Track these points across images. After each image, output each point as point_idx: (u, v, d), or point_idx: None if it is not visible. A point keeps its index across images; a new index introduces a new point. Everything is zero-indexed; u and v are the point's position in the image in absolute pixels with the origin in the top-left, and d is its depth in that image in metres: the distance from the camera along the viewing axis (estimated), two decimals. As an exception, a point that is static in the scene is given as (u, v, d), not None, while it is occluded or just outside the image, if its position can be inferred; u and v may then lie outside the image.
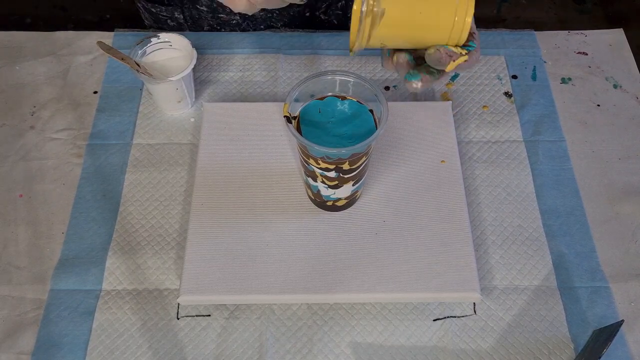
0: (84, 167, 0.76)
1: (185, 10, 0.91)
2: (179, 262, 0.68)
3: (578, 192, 0.74)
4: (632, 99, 0.83)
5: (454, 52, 0.52)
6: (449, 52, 0.52)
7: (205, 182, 0.72)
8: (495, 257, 0.69)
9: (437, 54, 0.52)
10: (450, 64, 0.52)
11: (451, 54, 0.52)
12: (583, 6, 1.10)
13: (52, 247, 0.70)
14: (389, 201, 0.71)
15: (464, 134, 0.79)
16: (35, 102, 0.82)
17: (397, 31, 0.53)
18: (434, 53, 0.52)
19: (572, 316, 0.66)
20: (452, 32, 0.51)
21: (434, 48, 0.52)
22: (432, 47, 0.52)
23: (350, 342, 0.64)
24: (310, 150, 0.60)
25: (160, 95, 0.78)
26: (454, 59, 0.52)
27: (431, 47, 0.52)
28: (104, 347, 0.63)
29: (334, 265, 0.67)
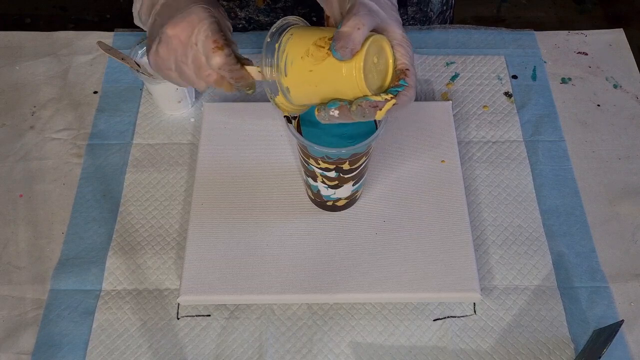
0: (83, 167, 0.76)
1: None
2: (179, 262, 0.68)
3: (578, 192, 0.74)
4: (632, 99, 0.83)
5: (377, 101, 0.50)
6: (371, 103, 0.50)
7: (205, 182, 0.72)
8: (495, 257, 0.69)
9: (359, 110, 0.50)
10: (378, 113, 0.51)
11: (375, 104, 0.50)
12: (583, 6, 1.09)
13: (52, 247, 0.70)
14: (389, 201, 0.71)
15: (464, 134, 0.79)
16: (35, 102, 0.82)
17: (309, 98, 0.54)
18: (356, 109, 0.50)
19: (572, 316, 0.66)
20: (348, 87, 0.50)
21: (355, 104, 0.50)
22: (354, 104, 0.50)
23: (350, 342, 0.64)
24: (310, 150, 0.60)
25: (160, 95, 0.78)
26: (379, 107, 0.50)
27: (353, 103, 0.51)
28: (104, 347, 0.63)
29: (334, 265, 0.67)
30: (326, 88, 0.52)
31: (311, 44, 0.51)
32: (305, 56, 0.51)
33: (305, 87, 0.53)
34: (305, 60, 0.51)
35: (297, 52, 0.52)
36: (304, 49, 0.51)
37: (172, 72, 0.59)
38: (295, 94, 0.54)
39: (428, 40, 0.88)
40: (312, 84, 0.52)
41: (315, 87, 0.52)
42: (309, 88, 0.52)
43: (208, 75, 0.57)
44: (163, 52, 0.57)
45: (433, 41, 0.88)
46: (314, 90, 0.53)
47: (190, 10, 0.56)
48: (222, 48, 0.55)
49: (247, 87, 0.58)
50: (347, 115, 0.51)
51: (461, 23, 0.95)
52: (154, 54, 0.59)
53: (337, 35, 0.49)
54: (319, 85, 0.52)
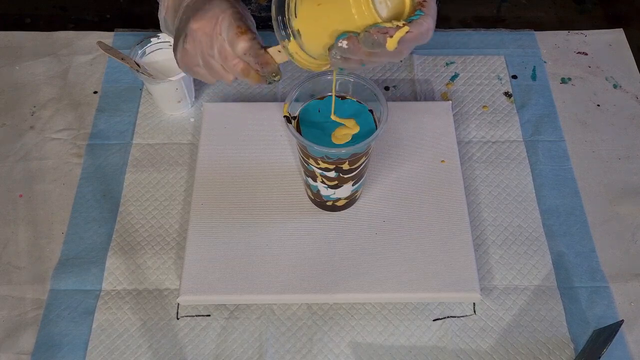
0: (83, 167, 0.76)
1: None
2: (179, 262, 0.68)
3: (578, 192, 0.74)
4: (632, 99, 0.83)
5: (387, 27, 0.47)
6: (381, 29, 0.47)
7: (205, 182, 0.72)
8: (495, 257, 0.69)
9: (367, 37, 0.47)
10: (390, 41, 0.47)
11: (384, 30, 0.47)
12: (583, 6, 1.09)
13: (52, 247, 0.70)
14: (389, 201, 0.71)
15: (464, 134, 0.79)
16: (35, 102, 0.82)
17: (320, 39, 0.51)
18: (364, 36, 0.47)
19: (572, 316, 0.66)
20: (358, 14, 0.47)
21: (364, 32, 0.47)
22: (362, 32, 0.48)
23: (350, 342, 0.64)
24: (310, 150, 0.60)
25: (160, 95, 0.78)
26: (390, 34, 0.47)
27: (362, 32, 0.48)
28: (104, 347, 0.63)
29: (334, 265, 0.67)
30: (335, 21, 0.49)
31: None
32: None
33: (316, 25, 0.50)
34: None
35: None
36: None
37: (199, 69, 0.60)
38: (306, 36, 0.51)
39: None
40: (322, 20, 0.50)
41: (324, 22, 0.50)
42: (318, 25, 0.50)
43: (235, 65, 0.57)
44: (190, 48, 0.58)
45: (433, 41, 0.87)
46: (323, 27, 0.50)
47: (213, 4, 0.57)
48: (246, 32, 0.55)
49: (274, 74, 0.58)
50: (356, 45, 0.48)
51: (461, 23, 0.95)
52: (181, 51, 0.60)
53: None
54: (327, 19, 0.49)
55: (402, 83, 0.83)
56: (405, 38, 0.48)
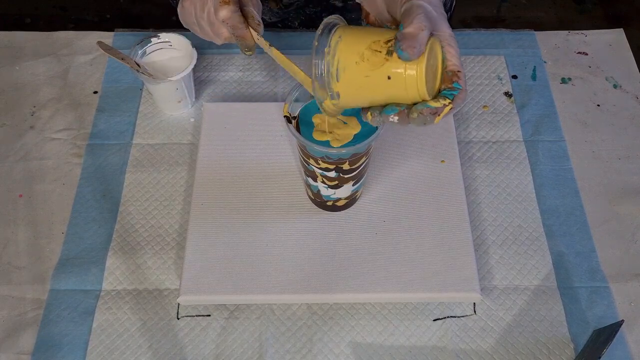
0: (83, 167, 0.76)
1: None
2: (179, 262, 0.68)
3: (578, 192, 0.74)
4: (632, 99, 0.83)
5: (436, 107, 0.50)
6: (432, 110, 0.49)
7: (205, 182, 0.72)
8: (495, 257, 0.69)
9: (420, 118, 0.50)
10: (437, 118, 0.50)
11: (434, 111, 0.50)
12: (583, 6, 1.09)
13: (52, 247, 0.70)
14: (389, 201, 0.71)
15: (464, 134, 0.79)
16: (35, 102, 0.82)
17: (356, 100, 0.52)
18: (418, 117, 0.50)
19: (572, 316, 0.66)
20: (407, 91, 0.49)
21: (416, 112, 0.50)
22: (414, 111, 0.50)
23: (350, 342, 0.64)
24: (310, 150, 0.61)
25: (160, 95, 0.78)
26: (438, 113, 0.50)
27: (413, 110, 0.50)
28: (104, 347, 0.63)
29: (334, 265, 0.67)
30: (381, 93, 0.50)
31: (365, 48, 0.49)
32: (360, 61, 0.49)
33: (359, 92, 0.51)
34: (360, 65, 0.49)
35: (349, 57, 0.50)
36: (358, 54, 0.49)
37: (195, 27, 0.67)
38: (346, 99, 0.52)
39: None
40: (367, 89, 0.50)
41: (370, 92, 0.51)
42: (362, 93, 0.51)
43: (220, 31, 0.63)
44: (187, 5, 0.65)
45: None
46: (367, 96, 0.51)
47: None
48: (229, 3, 0.60)
49: (246, 49, 0.63)
50: (406, 120, 0.51)
51: (461, 23, 0.95)
52: (180, 8, 0.67)
53: (403, 35, 0.48)
54: (374, 91, 0.50)
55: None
56: (448, 113, 0.51)
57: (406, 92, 0.50)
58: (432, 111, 0.50)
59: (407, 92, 0.49)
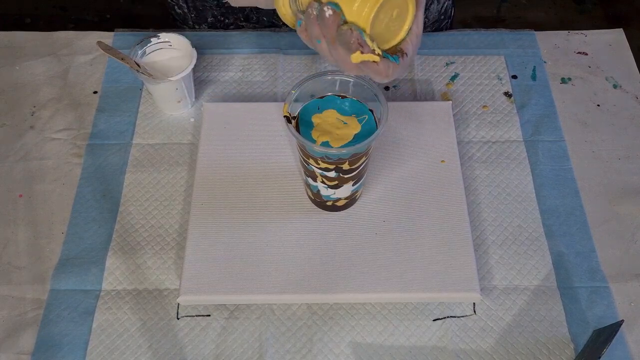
0: (84, 167, 0.76)
1: (189, 1, 0.90)
2: (179, 262, 0.68)
3: (578, 192, 0.74)
4: (632, 99, 0.83)
5: (367, 44, 0.47)
6: (361, 40, 0.47)
7: (205, 182, 0.72)
8: (495, 257, 0.69)
9: (347, 33, 0.47)
10: (356, 54, 0.48)
11: (363, 43, 0.47)
12: (583, 6, 1.09)
13: (52, 247, 0.70)
14: (389, 201, 0.71)
15: (464, 134, 0.79)
16: (35, 102, 0.82)
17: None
18: (346, 30, 0.47)
19: (572, 316, 0.66)
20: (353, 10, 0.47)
21: (349, 26, 0.47)
22: (348, 25, 0.47)
23: (350, 342, 0.64)
24: (309, 150, 0.61)
25: (160, 95, 0.78)
26: (363, 50, 0.47)
27: (349, 24, 0.47)
28: (104, 347, 0.63)
29: (333, 265, 0.67)
30: None
31: None
32: None
33: None
34: None
35: None
36: None
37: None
38: None
39: (428, 40, 0.88)
40: None
41: None
42: None
43: None
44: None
45: (433, 41, 0.88)
46: None
47: None
48: None
49: None
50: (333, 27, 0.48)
51: (461, 23, 0.95)
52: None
53: None
54: None
55: (402, 83, 0.83)
56: (368, 64, 0.48)
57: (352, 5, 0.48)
58: (360, 41, 0.47)
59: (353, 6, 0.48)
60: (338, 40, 0.48)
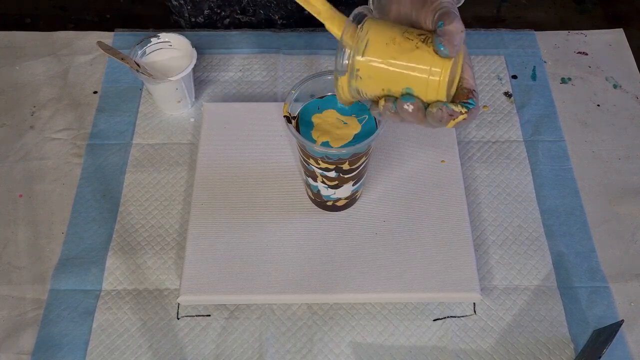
0: (84, 167, 0.76)
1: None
2: (179, 262, 0.68)
3: (578, 192, 0.74)
4: (632, 99, 0.83)
5: (454, 111, 0.51)
6: (450, 111, 0.51)
7: (205, 182, 0.72)
8: (495, 257, 0.69)
9: (438, 113, 0.51)
10: (450, 122, 0.51)
11: (452, 113, 0.51)
12: (583, 6, 1.09)
13: (52, 247, 0.70)
14: (389, 201, 0.71)
15: (464, 134, 0.79)
16: (35, 102, 0.82)
17: (374, 84, 0.52)
18: (436, 112, 0.51)
19: (572, 316, 0.66)
20: (428, 88, 0.50)
21: (437, 107, 0.51)
22: (434, 106, 0.51)
23: (350, 342, 0.64)
24: (310, 150, 0.61)
25: (160, 95, 0.78)
26: (454, 117, 0.51)
27: (434, 105, 0.51)
28: (104, 347, 0.63)
29: (334, 265, 0.67)
30: (400, 82, 0.51)
31: (398, 34, 0.50)
32: (390, 43, 0.50)
33: (380, 74, 0.51)
34: (389, 47, 0.50)
35: (380, 38, 0.50)
36: (389, 37, 0.50)
37: None
38: (363, 81, 0.52)
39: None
40: (388, 73, 0.51)
41: (390, 78, 0.51)
42: (382, 77, 0.51)
43: None
44: None
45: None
46: (385, 81, 0.51)
47: None
48: None
49: None
50: (419, 114, 0.51)
51: (461, 23, 0.95)
52: None
53: (444, 32, 0.49)
54: (394, 77, 0.51)
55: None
56: (459, 122, 0.51)
57: (426, 87, 0.50)
58: (450, 112, 0.50)
59: (427, 88, 0.50)
60: (430, 121, 0.51)
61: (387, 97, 0.52)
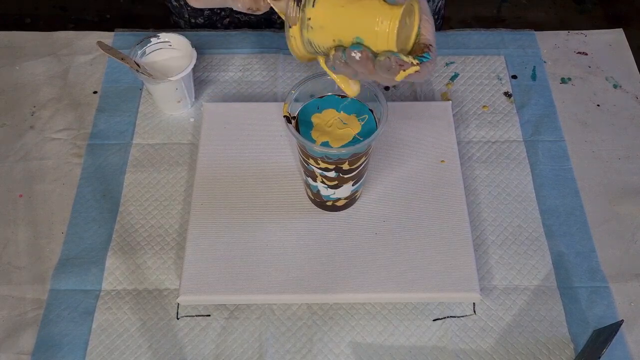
0: (84, 167, 0.76)
1: None
2: (179, 262, 0.68)
3: (578, 192, 0.74)
4: (632, 99, 0.83)
5: (404, 61, 0.49)
6: (400, 60, 0.49)
7: (205, 182, 0.72)
8: (495, 257, 0.69)
9: (386, 62, 0.49)
10: (400, 73, 0.50)
11: (402, 62, 0.49)
12: (583, 6, 1.09)
13: (52, 247, 0.70)
14: (389, 201, 0.71)
15: (464, 134, 0.79)
16: (35, 102, 0.82)
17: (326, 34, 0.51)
18: (384, 60, 0.49)
19: (572, 316, 0.66)
20: (378, 39, 0.49)
21: (385, 56, 0.49)
22: (382, 54, 0.49)
23: (350, 342, 0.64)
24: (309, 150, 0.61)
25: (160, 95, 0.78)
26: (404, 68, 0.49)
27: (382, 54, 0.49)
28: (103, 347, 0.63)
29: (333, 265, 0.67)
30: (350, 30, 0.50)
31: None
32: None
33: (331, 23, 0.50)
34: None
35: None
36: None
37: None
38: (315, 30, 0.51)
39: (428, 40, 0.88)
40: (338, 21, 0.50)
41: (341, 26, 0.50)
42: (333, 25, 0.50)
43: None
44: None
45: (433, 41, 0.88)
46: (336, 29, 0.51)
47: None
48: None
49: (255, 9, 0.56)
50: (369, 64, 0.50)
51: (461, 23, 0.95)
52: None
53: None
54: (344, 25, 0.50)
55: (402, 83, 0.83)
56: (411, 75, 0.50)
57: (375, 37, 0.49)
58: (399, 62, 0.49)
59: (377, 38, 0.49)
60: (378, 70, 0.50)
61: (338, 47, 0.51)
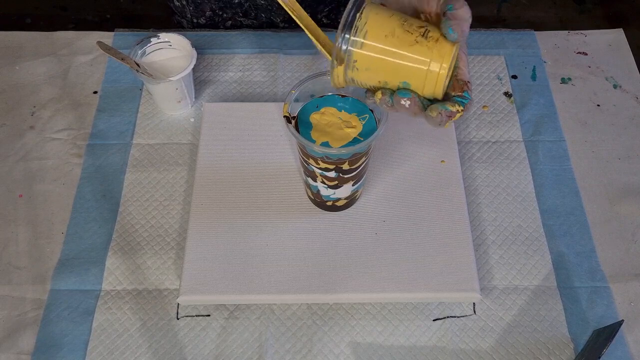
0: (84, 167, 0.76)
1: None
2: (179, 262, 0.68)
3: (578, 192, 0.74)
4: (632, 99, 0.83)
5: (452, 112, 0.51)
6: (449, 112, 0.51)
7: (205, 182, 0.72)
8: (495, 257, 0.69)
9: (438, 118, 0.51)
10: (448, 123, 0.52)
11: (450, 114, 0.51)
12: (583, 6, 1.09)
13: (52, 247, 0.70)
14: (389, 201, 0.71)
15: (464, 134, 0.79)
16: (35, 102, 0.82)
17: (371, 75, 0.52)
18: (436, 117, 0.51)
19: (572, 316, 0.66)
20: (426, 82, 0.50)
21: (436, 111, 0.51)
22: (433, 110, 0.51)
23: (350, 342, 0.64)
24: (309, 150, 0.61)
25: (160, 95, 0.78)
26: (452, 118, 0.51)
27: (433, 109, 0.51)
28: (103, 347, 0.63)
29: (334, 265, 0.67)
30: (398, 75, 0.50)
31: (397, 25, 0.49)
32: (390, 36, 0.49)
33: (377, 66, 0.51)
34: (389, 39, 0.49)
35: (379, 29, 0.50)
36: (389, 28, 0.49)
37: None
38: (361, 70, 0.52)
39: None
40: (386, 66, 0.50)
41: (388, 71, 0.50)
42: (380, 69, 0.51)
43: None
44: None
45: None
46: (383, 73, 0.51)
47: None
48: None
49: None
50: (416, 109, 0.51)
51: (461, 23, 0.95)
52: None
53: (454, 15, 0.48)
54: (392, 70, 0.50)
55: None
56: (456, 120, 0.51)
57: (424, 82, 0.50)
58: (448, 114, 0.50)
59: (425, 82, 0.50)
60: (429, 124, 0.51)
61: (384, 89, 0.52)
